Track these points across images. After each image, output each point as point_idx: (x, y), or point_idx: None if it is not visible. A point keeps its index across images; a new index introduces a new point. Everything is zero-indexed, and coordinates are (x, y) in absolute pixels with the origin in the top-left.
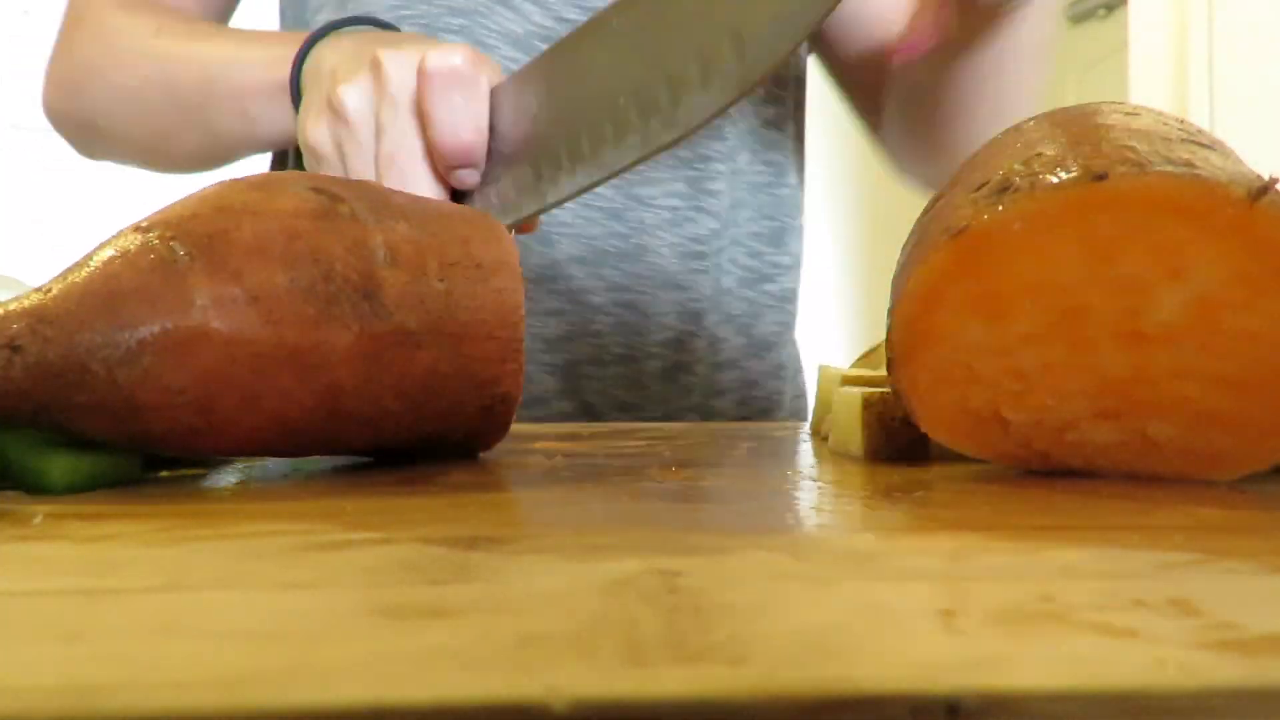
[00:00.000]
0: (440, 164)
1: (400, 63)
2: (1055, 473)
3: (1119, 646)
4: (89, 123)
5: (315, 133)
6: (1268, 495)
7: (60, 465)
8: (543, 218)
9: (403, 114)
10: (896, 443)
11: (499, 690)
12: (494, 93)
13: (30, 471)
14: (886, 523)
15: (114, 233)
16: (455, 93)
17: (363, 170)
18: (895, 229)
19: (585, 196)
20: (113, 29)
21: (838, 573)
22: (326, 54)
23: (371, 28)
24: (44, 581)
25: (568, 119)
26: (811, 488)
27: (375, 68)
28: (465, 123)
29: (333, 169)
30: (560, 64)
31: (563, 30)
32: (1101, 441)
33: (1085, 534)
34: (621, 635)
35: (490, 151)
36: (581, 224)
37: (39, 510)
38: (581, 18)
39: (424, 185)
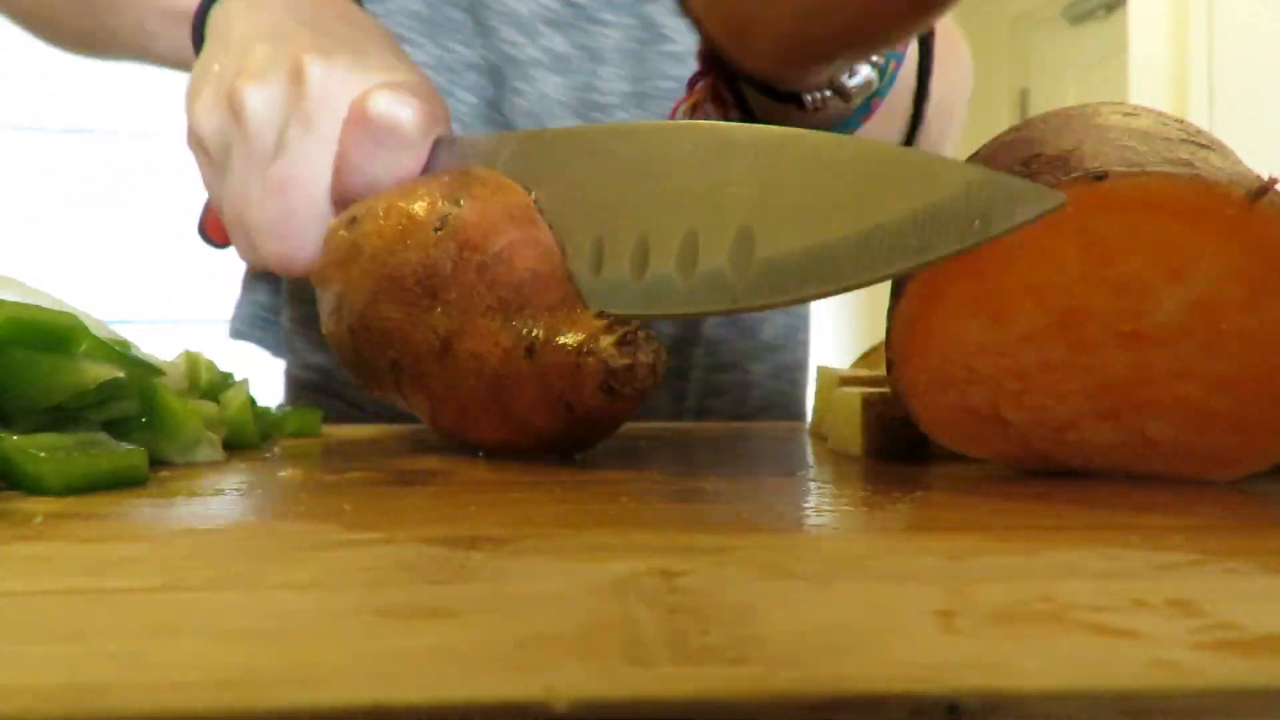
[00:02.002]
0: (339, 208)
1: (328, 79)
2: (1055, 473)
3: (1119, 646)
4: None
5: (204, 122)
6: (1268, 495)
7: (59, 466)
8: None
9: (313, 141)
10: (896, 443)
11: (499, 690)
12: (438, 145)
13: (30, 472)
14: (886, 523)
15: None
16: (386, 150)
17: (242, 186)
18: None
19: None
20: None
21: (838, 573)
22: (238, 13)
23: None
24: (44, 581)
25: None
26: (811, 488)
27: (296, 77)
28: (382, 184)
29: (213, 162)
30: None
31: (569, 14)
32: (1101, 441)
33: (1085, 534)
34: (621, 635)
35: None
36: None
37: (39, 510)
38: (590, 3)
39: (307, 228)
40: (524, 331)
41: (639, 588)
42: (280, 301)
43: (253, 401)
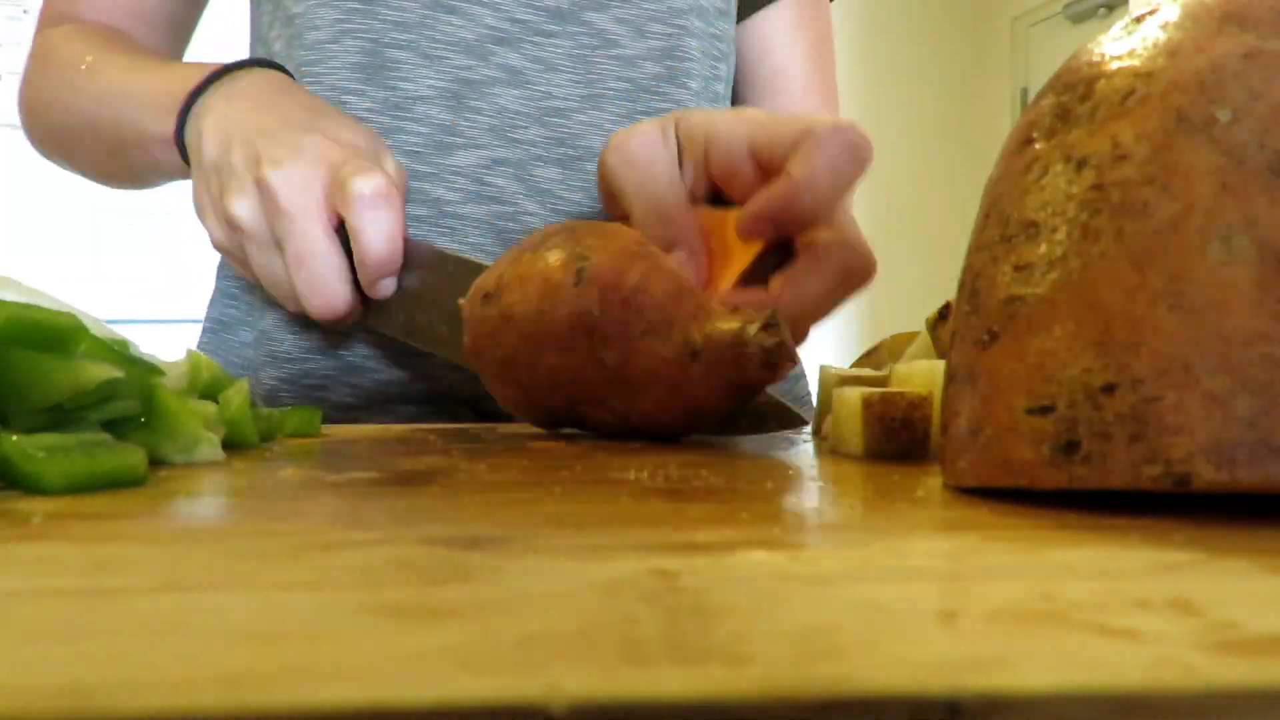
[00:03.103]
0: (365, 276)
1: (287, 181)
2: None
3: (1119, 646)
4: (54, 146)
5: (219, 237)
6: (1268, 495)
7: (58, 465)
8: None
9: (300, 224)
10: (896, 443)
11: (499, 690)
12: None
13: (29, 472)
14: (886, 523)
15: None
16: (380, 210)
17: (269, 269)
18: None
19: (576, 196)
20: (58, 60)
21: (838, 573)
22: (208, 126)
23: (247, 73)
24: (44, 581)
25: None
26: (811, 488)
27: (261, 185)
28: (391, 236)
29: (240, 261)
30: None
31: (516, 31)
32: None
33: (1085, 534)
34: (621, 635)
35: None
36: None
37: (39, 510)
38: (535, 18)
39: (338, 288)
40: (683, 341)
41: (639, 588)
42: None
43: (253, 401)
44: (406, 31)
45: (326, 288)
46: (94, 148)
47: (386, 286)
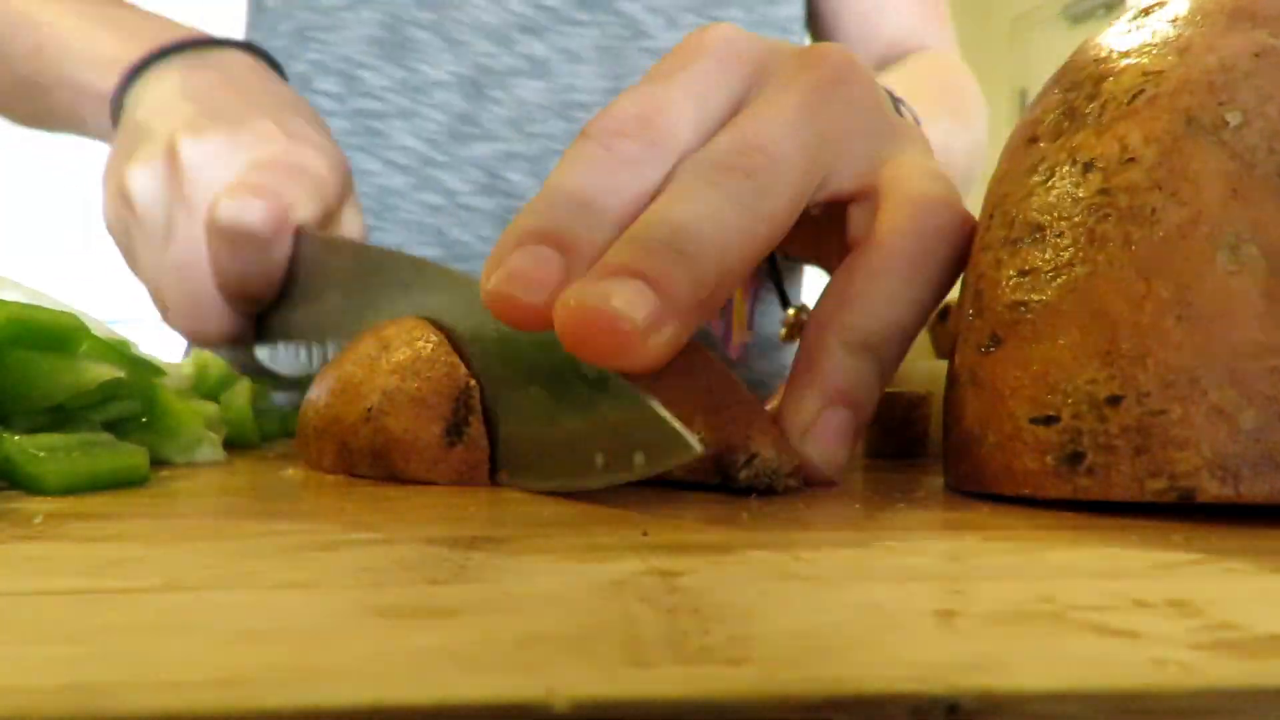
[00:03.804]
0: (225, 294)
1: (202, 160)
2: None
3: (1119, 646)
4: None
5: (106, 210)
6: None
7: (59, 466)
8: None
9: (196, 224)
10: (896, 443)
11: (499, 690)
12: (302, 239)
13: (30, 472)
14: (886, 523)
15: None
16: (244, 249)
17: (151, 268)
18: None
19: None
20: None
21: (837, 573)
22: (147, 93)
23: (220, 52)
24: (44, 581)
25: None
26: (811, 488)
27: (170, 157)
28: (252, 278)
29: (122, 250)
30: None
31: (543, 19)
32: None
33: (1085, 534)
34: (621, 635)
35: (289, 290)
36: None
37: (39, 510)
38: (563, 5)
39: (211, 306)
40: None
41: (639, 588)
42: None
43: (254, 401)
44: (429, 10)
45: (199, 313)
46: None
47: (250, 311)
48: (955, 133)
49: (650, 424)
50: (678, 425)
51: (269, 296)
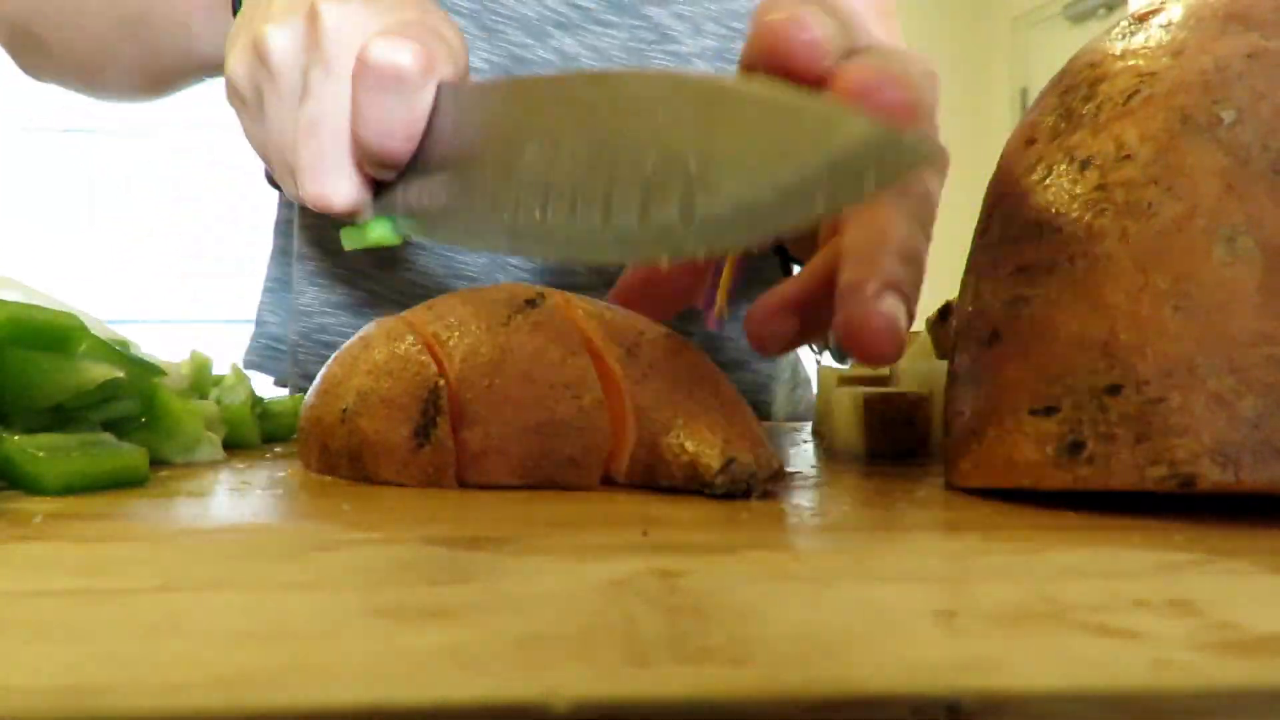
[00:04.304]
0: (357, 156)
1: (342, 21)
2: None
3: (1119, 647)
4: (25, 26)
5: (236, 66)
6: (1269, 496)
7: (59, 466)
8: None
9: (334, 82)
10: (896, 443)
11: (499, 691)
12: (444, 93)
13: (29, 472)
14: (887, 523)
15: None
16: (391, 95)
17: (279, 128)
18: None
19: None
20: None
21: (838, 573)
22: None
23: None
24: (44, 581)
25: (506, 183)
26: (812, 488)
27: (312, 18)
28: (396, 130)
29: (249, 110)
30: (532, 110)
31: (576, 17)
32: None
33: (1085, 534)
34: (621, 635)
35: (421, 154)
36: None
37: (39, 510)
38: (595, 5)
39: (340, 167)
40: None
41: (639, 588)
42: (285, 331)
43: (255, 401)
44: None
45: (327, 174)
46: (98, 16)
47: (383, 176)
48: None
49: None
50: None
51: (405, 155)
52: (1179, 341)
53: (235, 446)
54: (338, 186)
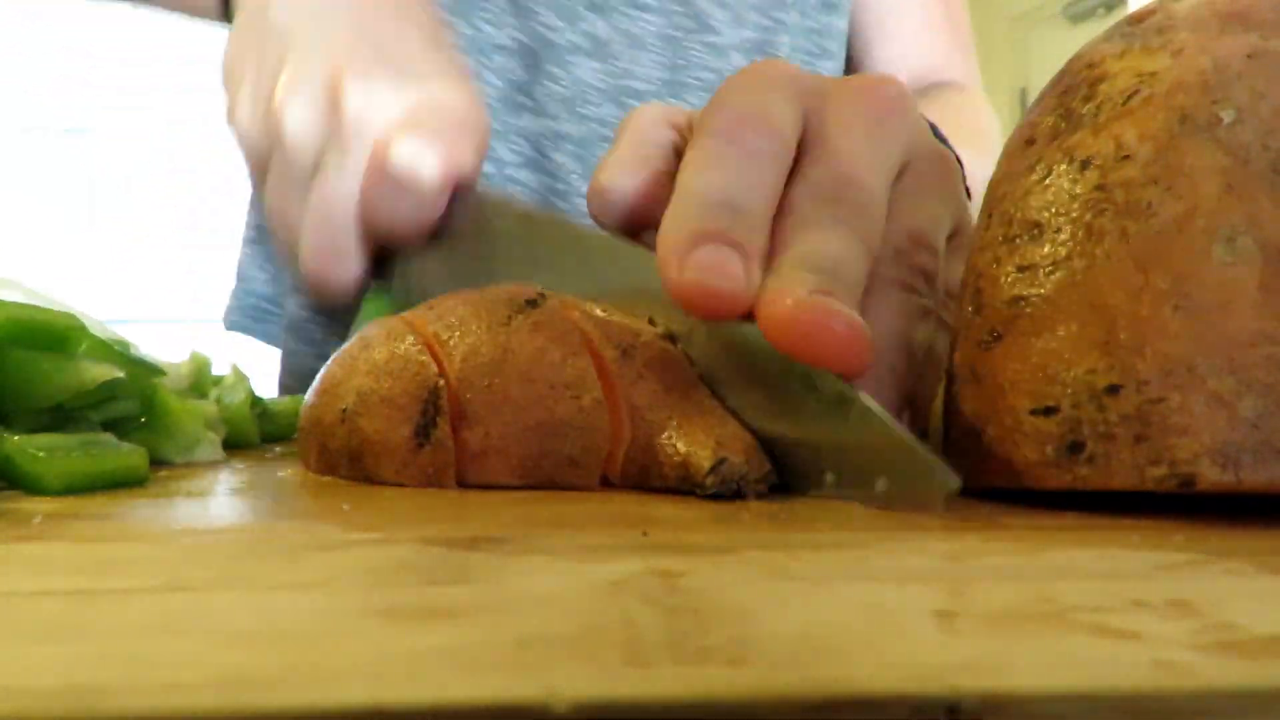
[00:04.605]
0: (364, 234)
1: (366, 103)
2: None
3: (1119, 647)
4: None
5: (245, 125)
6: (1270, 496)
7: (59, 466)
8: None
9: (350, 166)
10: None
11: (499, 691)
12: (460, 192)
13: (29, 472)
14: (886, 523)
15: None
16: (407, 195)
17: (284, 197)
18: None
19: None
20: None
21: (838, 573)
22: None
23: None
24: (44, 581)
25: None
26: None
27: (333, 95)
28: (407, 224)
29: (253, 161)
30: (534, 242)
31: None
32: None
33: (1085, 534)
34: (621, 635)
35: (435, 242)
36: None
37: (39, 510)
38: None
39: (344, 253)
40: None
41: (639, 588)
42: (280, 292)
43: (255, 400)
44: None
45: (330, 259)
46: None
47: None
48: (984, 167)
49: (900, 452)
50: (930, 456)
51: (411, 243)
52: (1179, 341)
53: (235, 446)
54: (339, 273)
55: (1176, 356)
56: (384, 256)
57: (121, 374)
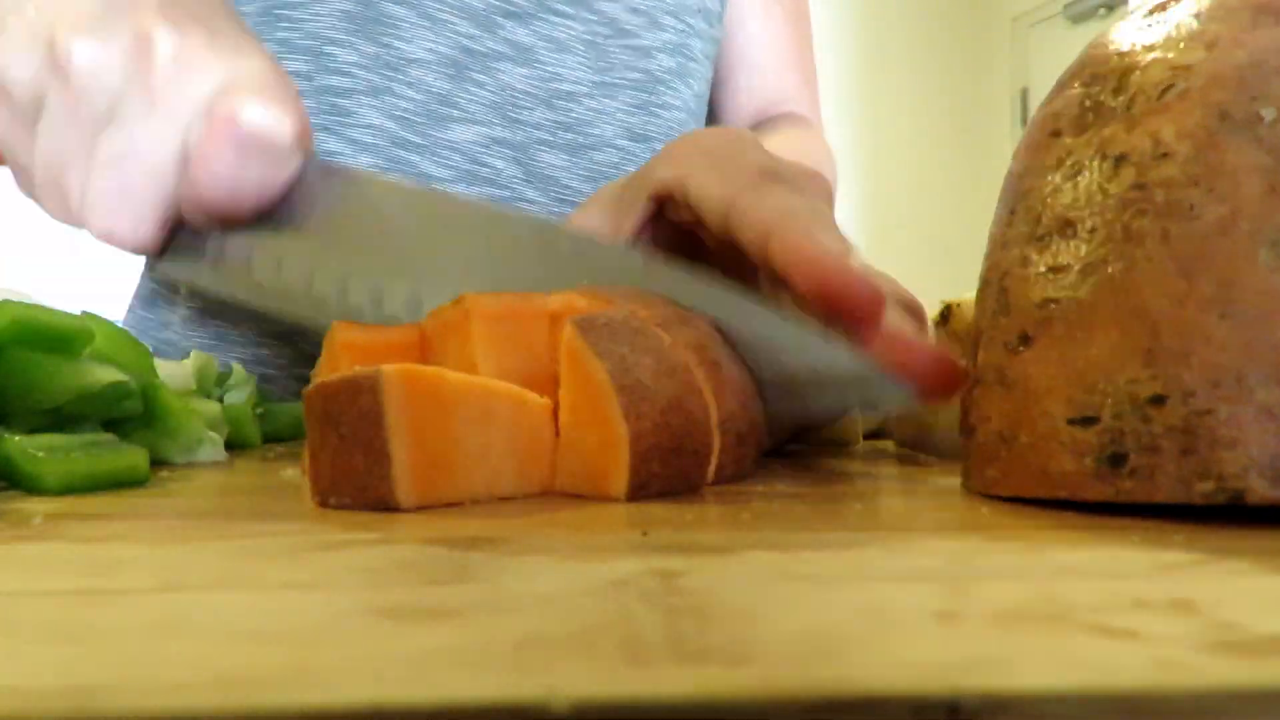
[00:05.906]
0: (179, 201)
1: (180, 55)
2: None
3: (1119, 647)
4: None
5: (11, 63)
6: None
7: (59, 466)
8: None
9: (158, 119)
10: (896, 443)
11: (499, 691)
12: (310, 168)
13: (29, 472)
14: (887, 523)
15: None
16: (255, 161)
17: (60, 146)
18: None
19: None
20: None
21: (838, 573)
22: None
23: None
24: (44, 581)
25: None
26: (810, 488)
27: (142, 42)
28: (249, 194)
29: (15, 110)
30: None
31: (528, 7)
32: None
33: (1085, 534)
34: (621, 635)
35: (273, 215)
36: None
37: (39, 510)
38: None
39: (143, 207)
40: None
41: (639, 588)
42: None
43: (257, 401)
44: None
45: (125, 212)
46: None
47: (198, 223)
48: None
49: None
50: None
51: (247, 217)
52: (1226, 350)
53: (237, 446)
54: (136, 227)
55: (1224, 366)
56: (180, 227)
57: (125, 377)
